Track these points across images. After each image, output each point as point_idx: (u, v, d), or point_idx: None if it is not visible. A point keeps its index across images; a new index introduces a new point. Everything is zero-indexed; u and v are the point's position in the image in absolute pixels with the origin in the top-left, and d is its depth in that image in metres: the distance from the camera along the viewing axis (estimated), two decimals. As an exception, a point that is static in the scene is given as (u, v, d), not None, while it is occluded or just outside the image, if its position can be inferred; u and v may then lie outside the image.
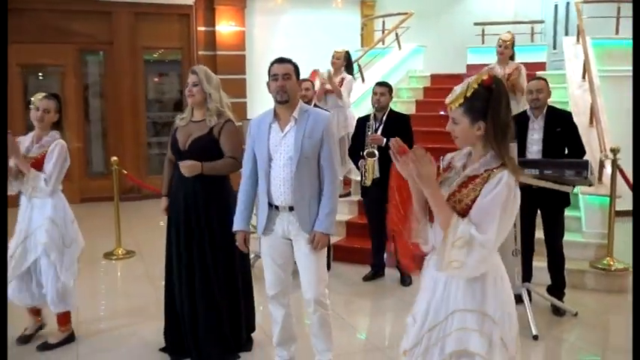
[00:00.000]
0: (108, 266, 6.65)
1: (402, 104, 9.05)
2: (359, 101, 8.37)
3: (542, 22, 10.50)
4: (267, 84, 3.51)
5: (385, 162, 4.85)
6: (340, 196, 4.95)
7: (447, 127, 2.32)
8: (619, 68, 8.33)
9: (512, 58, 6.66)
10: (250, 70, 10.87)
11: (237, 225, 3.60)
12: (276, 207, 3.49)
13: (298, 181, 3.40)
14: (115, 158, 7.02)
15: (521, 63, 6.90)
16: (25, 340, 4.40)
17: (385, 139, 5.45)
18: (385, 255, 5.98)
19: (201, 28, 10.60)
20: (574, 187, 4.77)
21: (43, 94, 4.24)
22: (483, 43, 10.35)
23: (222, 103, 3.97)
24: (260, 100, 10.62)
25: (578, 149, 4.86)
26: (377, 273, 6.03)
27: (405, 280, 5.82)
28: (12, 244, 4.21)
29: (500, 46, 6.69)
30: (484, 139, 2.24)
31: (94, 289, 5.83)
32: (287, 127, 3.47)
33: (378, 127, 5.67)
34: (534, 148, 4.89)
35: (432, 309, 2.37)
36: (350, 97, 7.51)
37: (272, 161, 3.46)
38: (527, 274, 5.03)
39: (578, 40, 8.61)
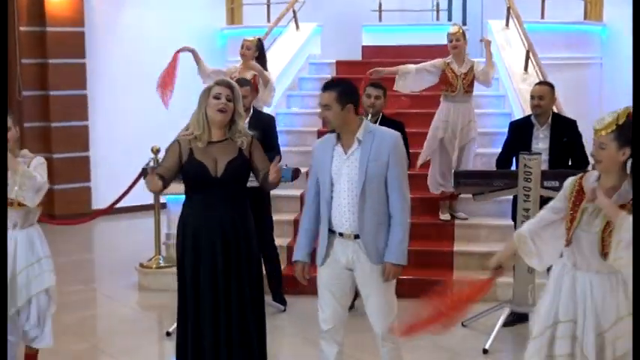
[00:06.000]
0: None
1: (308, 99, 7.45)
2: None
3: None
4: None
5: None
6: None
7: (593, 152, 2.86)
8: (547, 56, 7.46)
9: None
10: (91, 52, 8.51)
11: (298, 255, 3.57)
12: (340, 234, 3.42)
13: (362, 207, 3.35)
14: None
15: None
16: None
17: None
18: None
19: (23, -4, 8.00)
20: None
21: None
22: (381, 20, 8.96)
23: None
24: (102, 92, 8.58)
25: (582, 160, 4.88)
26: None
27: None
28: None
29: (451, 41, 6.03)
30: (625, 165, 2.78)
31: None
32: (350, 150, 3.40)
33: None
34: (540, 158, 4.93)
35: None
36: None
37: (334, 186, 3.41)
38: None
39: (507, 24, 7.57)
